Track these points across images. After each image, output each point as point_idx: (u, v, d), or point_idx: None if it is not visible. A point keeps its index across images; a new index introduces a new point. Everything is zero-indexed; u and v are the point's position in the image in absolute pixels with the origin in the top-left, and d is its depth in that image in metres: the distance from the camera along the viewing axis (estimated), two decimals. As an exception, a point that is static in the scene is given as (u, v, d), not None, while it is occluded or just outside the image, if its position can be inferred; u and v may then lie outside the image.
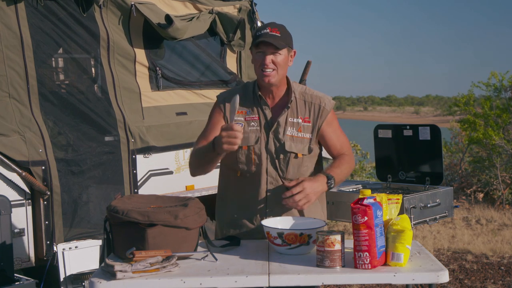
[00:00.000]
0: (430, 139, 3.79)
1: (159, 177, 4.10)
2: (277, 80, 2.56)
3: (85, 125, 3.76)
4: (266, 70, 2.52)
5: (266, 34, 2.51)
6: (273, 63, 2.53)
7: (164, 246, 2.19)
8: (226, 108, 2.63)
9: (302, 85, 2.71)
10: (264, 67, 2.52)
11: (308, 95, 2.65)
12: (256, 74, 2.60)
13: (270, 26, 2.54)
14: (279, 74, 2.56)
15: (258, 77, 2.60)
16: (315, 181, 2.49)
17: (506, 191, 8.55)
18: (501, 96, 9.52)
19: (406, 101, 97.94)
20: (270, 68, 2.53)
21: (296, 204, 2.45)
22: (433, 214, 3.54)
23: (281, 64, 2.54)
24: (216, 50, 4.80)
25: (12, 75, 3.52)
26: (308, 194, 2.44)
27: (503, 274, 5.24)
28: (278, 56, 2.53)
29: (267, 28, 2.53)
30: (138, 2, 4.13)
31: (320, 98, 2.65)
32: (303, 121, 2.61)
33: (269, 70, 2.53)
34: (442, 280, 2.07)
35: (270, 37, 2.50)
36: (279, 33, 2.52)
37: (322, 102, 2.64)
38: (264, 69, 2.53)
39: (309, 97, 2.65)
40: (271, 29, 2.52)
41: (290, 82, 2.65)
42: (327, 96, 2.68)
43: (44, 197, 3.49)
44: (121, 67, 4.06)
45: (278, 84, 2.60)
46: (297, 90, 2.65)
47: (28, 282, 3.11)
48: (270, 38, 2.49)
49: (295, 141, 2.59)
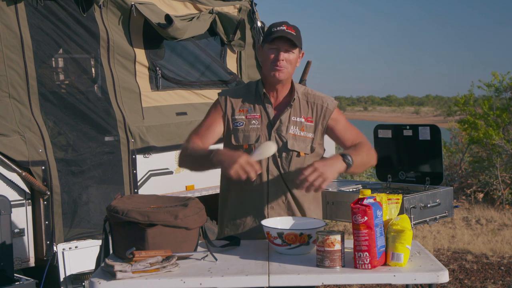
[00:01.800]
0: (430, 139, 3.79)
1: (159, 177, 4.10)
2: (285, 77, 2.57)
3: (85, 125, 3.76)
4: (278, 66, 2.52)
5: (283, 31, 2.51)
6: (285, 61, 2.53)
7: (164, 246, 2.19)
8: (227, 107, 2.63)
9: (304, 86, 2.72)
10: (277, 63, 2.52)
11: (310, 95, 2.66)
12: (265, 69, 2.58)
13: (286, 24, 2.54)
14: (289, 72, 2.57)
15: (266, 73, 2.58)
16: (328, 160, 2.39)
17: (506, 191, 8.55)
18: (501, 96, 9.52)
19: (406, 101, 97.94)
20: (282, 65, 2.53)
21: (313, 185, 2.30)
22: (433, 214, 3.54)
23: (292, 62, 2.56)
24: (216, 50, 4.80)
25: (12, 75, 3.52)
26: (322, 172, 2.29)
27: (503, 274, 5.24)
28: (291, 55, 2.54)
29: (283, 26, 2.52)
30: (138, 2, 4.13)
31: (322, 99, 2.66)
32: (306, 120, 2.61)
33: (280, 67, 2.53)
34: (442, 280, 2.07)
35: (288, 33, 2.50)
36: (294, 32, 2.53)
37: (324, 102, 2.65)
38: (276, 65, 2.52)
39: (312, 97, 2.66)
40: (287, 27, 2.52)
41: (293, 82, 2.66)
42: (329, 97, 2.70)
43: (44, 197, 3.49)
44: (121, 67, 4.06)
45: (284, 82, 2.61)
46: (299, 90, 2.66)
47: (28, 282, 3.11)
48: (288, 34, 2.50)
49: (298, 140, 2.59)
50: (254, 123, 2.60)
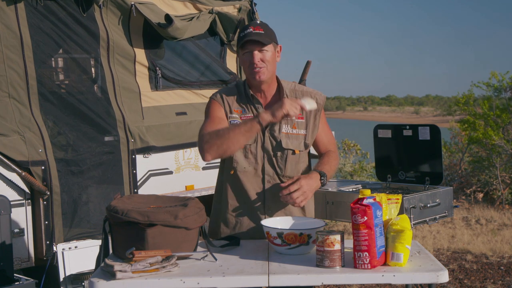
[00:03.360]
0: (430, 139, 3.79)
1: (159, 177, 4.10)
2: (268, 77, 2.57)
3: (85, 125, 3.76)
4: (256, 68, 2.54)
5: (250, 33, 2.52)
6: (261, 61, 2.54)
7: (163, 246, 2.20)
8: (225, 106, 2.63)
9: (291, 82, 2.72)
10: (254, 65, 2.53)
11: (298, 91, 2.66)
12: (246, 74, 2.61)
13: (252, 26, 2.56)
14: (269, 71, 2.57)
15: (248, 77, 2.60)
16: (310, 178, 2.51)
17: (505, 191, 8.55)
18: (501, 96, 9.52)
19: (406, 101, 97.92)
20: (260, 66, 2.54)
21: (294, 201, 2.46)
22: (432, 214, 3.54)
23: (269, 60, 2.56)
24: (216, 50, 4.80)
25: (12, 75, 3.52)
26: (305, 191, 2.46)
27: (502, 274, 5.24)
28: (266, 53, 2.54)
29: (249, 28, 2.55)
30: (138, 2, 4.13)
31: (311, 94, 2.66)
32: (297, 117, 2.61)
33: (258, 68, 2.54)
34: (442, 280, 2.07)
35: (255, 35, 2.51)
36: (262, 30, 2.54)
37: (313, 97, 2.65)
38: (254, 67, 2.54)
39: (300, 93, 2.66)
40: (254, 28, 2.54)
41: (279, 80, 2.66)
42: (318, 91, 2.70)
43: (44, 197, 3.49)
44: (121, 67, 4.06)
45: (268, 82, 2.61)
46: (287, 88, 2.66)
47: (28, 282, 3.11)
48: (255, 36, 2.51)
49: (291, 138, 2.60)
50: None
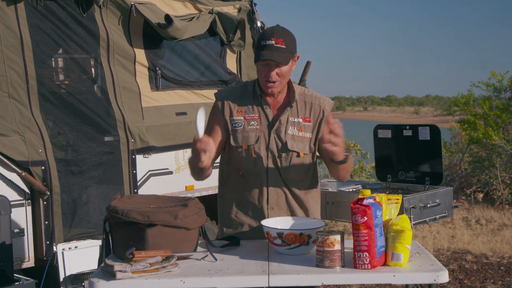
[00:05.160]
0: (430, 139, 3.79)
1: (159, 177, 4.10)
2: (280, 89, 2.58)
3: (85, 125, 3.76)
4: (270, 82, 2.53)
5: (271, 46, 2.46)
6: (277, 75, 2.53)
7: (164, 246, 2.20)
8: (225, 109, 2.63)
9: (301, 86, 2.72)
10: (269, 79, 2.52)
11: (307, 96, 2.66)
12: (260, 82, 2.59)
13: (275, 37, 2.48)
14: (282, 84, 2.57)
15: (261, 85, 2.59)
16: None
17: (506, 191, 8.55)
18: (501, 96, 9.52)
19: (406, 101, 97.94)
20: (274, 80, 2.53)
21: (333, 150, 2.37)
22: (433, 214, 3.55)
23: (285, 75, 2.54)
24: (216, 50, 4.80)
25: (12, 75, 3.52)
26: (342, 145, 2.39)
27: (502, 274, 5.24)
28: (283, 68, 2.52)
29: (271, 39, 2.47)
30: (138, 2, 4.13)
31: (319, 99, 2.66)
32: (304, 120, 2.62)
33: (273, 82, 2.53)
34: (442, 280, 2.07)
35: (275, 52, 2.46)
36: (284, 44, 2.48)
37: (321, 102, 2.65)
38: (268, 81, 2.53)
39: (309, 97, 2.66)
40: (276, 41, 2.47)
41: (291, 82, 2.66)
42: (326, 97, 2.70)
43: (44, 197, 3.49)
44: (121, 67, 4.06)
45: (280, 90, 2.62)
46: (297, 91, 2.65)
47: (28, 282, 3.11)
48: (275, 54, 2.46)
49: (296, 140, 2.60)
50: (253, 124, 2.60)
